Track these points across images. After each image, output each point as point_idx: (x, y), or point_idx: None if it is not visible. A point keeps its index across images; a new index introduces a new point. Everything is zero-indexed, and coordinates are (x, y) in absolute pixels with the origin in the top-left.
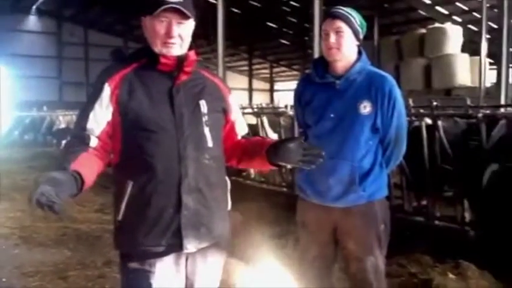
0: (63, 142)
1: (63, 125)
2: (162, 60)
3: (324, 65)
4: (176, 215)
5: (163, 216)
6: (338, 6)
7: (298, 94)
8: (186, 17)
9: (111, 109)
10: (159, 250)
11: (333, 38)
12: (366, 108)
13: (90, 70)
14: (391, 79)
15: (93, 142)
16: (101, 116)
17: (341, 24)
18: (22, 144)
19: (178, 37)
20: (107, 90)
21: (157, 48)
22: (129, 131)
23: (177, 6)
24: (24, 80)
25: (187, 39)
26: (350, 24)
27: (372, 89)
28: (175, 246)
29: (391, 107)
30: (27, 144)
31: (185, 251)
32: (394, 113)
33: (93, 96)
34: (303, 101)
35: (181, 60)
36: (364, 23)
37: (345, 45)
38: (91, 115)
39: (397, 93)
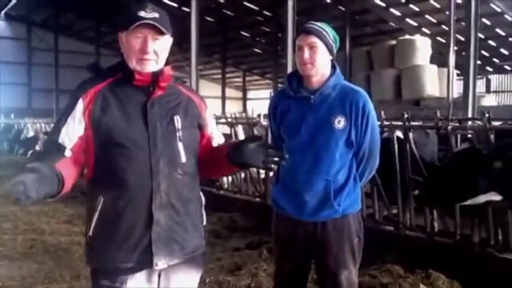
0: (30, 152)
1: (31, 133)
2: (137, 76)
3: (298, 79)
4: (147, 231)
5: (134, 232)
6: (312, 22)
7: (273, 108)
8: (162, 33)
9: (83, 124)
10: (129, 266)
11: (306, 53)
12: (340, 123)
13: (60, 76)
14: (364, 94)
15: (67, 153)
16: (73, 131)
17: (315, 40)
18: None
19: (153, 53)
20: (80, 104)
21: (132, 64)
22: (102, 145)
23: (152, 22)
24: None
25: (163, 55)
26: (323, 40)
27: (346, 103)
28: (146, 263)
29: (365, 121)
30: None
31: (155, 267)
32: (367, 128)
33: (67, 110)
34: (278, 115)
35: (156, 75)
36: (337, 38)
37: (318, 60)
38: (63, 129)
39: (371, 107)
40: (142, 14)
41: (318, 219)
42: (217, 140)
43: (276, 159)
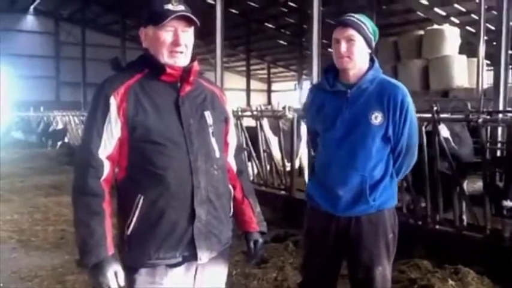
0: (59, 143)
1: (60, 126)
2: (169, 70)
3: (334, 72)
4: (189, 226)
5: (177, 228)
6: (349, 14)
7: (309, 103)
8: (191, 24)
9: (119, 124)
10: (173, 262)
11: (343, 46)
12: (377, 118)
13: (88, 70)
14: (403, 88)
15: (106, 170)
16: (112, 133)
17: (353, 32)
18: (19, 145)
19: (184, 46)
20: (113, 104)
21: (163, 58)
22: (138, 145)
23: (186, 14)
24: (22, 79)
25: (191, 48)
26: (362, 32)
27: (384, 98)
28: (190, 258)
29: (403, 117)
30: (24, 145)
31: (199, 261)
32: (406, 123)
33: (101, 110)
34: (314, 109)
35: (186, 71)
36: (376, 30)
37: (356, 54)
38: (104, 134)
39: (410, 102)
40: (170, 7)
41: (352, 214)
42: (232, 136)
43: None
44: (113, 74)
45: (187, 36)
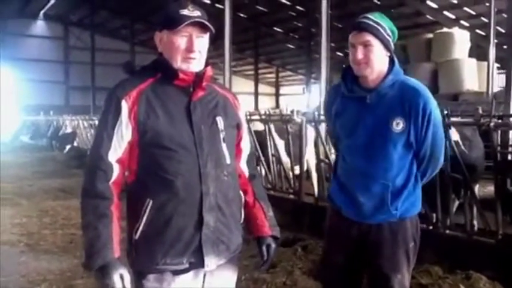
0: (67, 147)
1: (69, 130)
2: (181, 75)
3: (352, 76)
4: (197, 233)
5: (184, 234)
6: (365, 15)
7: (328, 106)
8: (206, 30)
9: (130, 127)
10: (180, 268)
11: (360, 52)
12: (398, 125)
13: (97, 74)
14: (425, 92)
15: (115, 173)
16: (123, 136)
17: (369, 38)
18: (28, 148)
19: (198, 52)
20: (124, 107)
21: (177, 63)
22: (148, 149)
23: (201, 20)
24: (31, 84)
25: (205, 54)
26: (379, 36)
27: (405, 104)
28: (197, 264)
29: (426, 121)
30: (33, 149)
31: (206, 268)
32: (429, 128)
33: (112, 114)
34: (333, 113)
35: (199, 76)
36: (395, 30)
37: (374, 60)
38: (114, 137)
39: (432, 106)
40: (186, 12)
41: (373, 222)
42: (245, 143)
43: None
44: (125, 78)
45: (202, 42)
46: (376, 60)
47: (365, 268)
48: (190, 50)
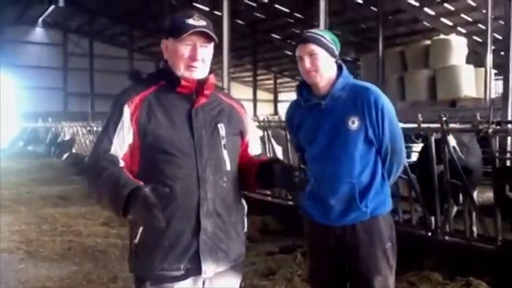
0: (66, 155)
1: (68, 137)
2: (183, 82)
3: (307, 87)
4: (194, 238)
5: (181, 240)
6: (308, 30)
7: (289, 120)
8: (210, 41)
9: (131, 131)
10: (177, 274)
11: (307, 62)
12: (354, 123)
13: (95, 81)
14: (375, 89)
15: (122, 164)
16: (123, 139)
17: (313, 47)
18: (26, 155)
19: (201, 61)
20: (126, 111)
21: (180, 71)
22: (148, 153)
23: (206, 30)
24: (30, 91)
25: (209, 63)
26: (322, 45)
27: (358, 102)
28: (194, 271)
29: (380, 116)
30: (31, 156)
31: (203, 275)
32: (384, 122)
33: (113, 118)
34: (294, 126)
35: (201, 83)
36: (336, 39)
37: (321, 66)
38: (115, 139)
39: (384, 101)
40: (191, 21)
41: (346, 223)
42: (254, 148)
43: (298, 179)
44: (130, 85)
45: (206, 51)
46: (324, 67)
47: (348, 277)
48: (194, 59)
